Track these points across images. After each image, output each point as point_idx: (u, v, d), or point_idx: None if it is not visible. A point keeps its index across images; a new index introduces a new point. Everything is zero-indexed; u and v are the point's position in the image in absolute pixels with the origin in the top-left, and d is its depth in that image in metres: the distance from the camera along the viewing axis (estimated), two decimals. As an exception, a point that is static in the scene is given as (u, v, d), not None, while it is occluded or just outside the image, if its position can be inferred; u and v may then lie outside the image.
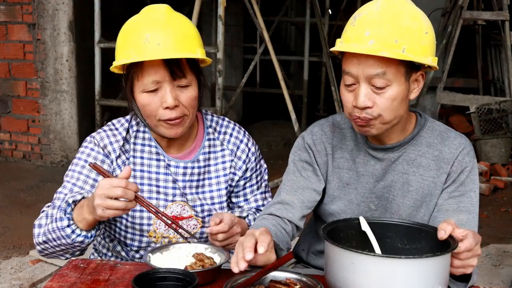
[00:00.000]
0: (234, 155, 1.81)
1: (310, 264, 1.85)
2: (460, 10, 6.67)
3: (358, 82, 1.51)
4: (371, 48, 1.45)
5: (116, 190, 1.44)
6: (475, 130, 6.33)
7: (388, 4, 1.51)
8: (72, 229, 1.55)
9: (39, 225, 1.63)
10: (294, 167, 1.73)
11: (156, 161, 1.75)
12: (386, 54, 1.44)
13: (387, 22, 1.47)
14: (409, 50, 1.46)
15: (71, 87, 5.79)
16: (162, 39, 1.58)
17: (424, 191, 1.63)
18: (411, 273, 1.22)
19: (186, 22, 1.68)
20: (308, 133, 1.75)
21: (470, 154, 1.64)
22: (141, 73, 1.61)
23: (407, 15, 1.49)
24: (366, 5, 1.57)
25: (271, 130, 7.74)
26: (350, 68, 1.51)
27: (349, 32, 1.53)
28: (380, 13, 1.49)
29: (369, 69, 1.48)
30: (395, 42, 1.46)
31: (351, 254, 1.24)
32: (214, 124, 1.83)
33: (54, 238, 1.58)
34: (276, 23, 8.13)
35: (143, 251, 1.77)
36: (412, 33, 1.48)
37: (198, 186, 1.77)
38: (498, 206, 5.06)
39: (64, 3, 5.62)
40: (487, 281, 3.41)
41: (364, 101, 1.50)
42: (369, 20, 1.49)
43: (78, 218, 1.55)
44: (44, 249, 1.65)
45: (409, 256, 1.23)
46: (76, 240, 1.56)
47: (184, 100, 1.63)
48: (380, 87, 1.49)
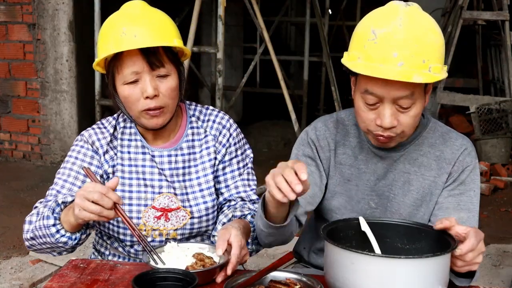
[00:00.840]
0: (216, 139, 1.83)
1: (311, 263, 1.85)
2: (460, 10, 6.67)
3: (381, 101, 1.48)
4: (402, 71, 1.40)
5: (94, 193, 1.46)
6: (475, 130, 6.33)
7: (410, 18, 1.44)
8: (57, 228, 1.60)
9: (29, 222, 1.68)
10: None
11: (142, 155, 1.79)
12: (420, 79, 1.40)
13: (415, 41, 1.41)
14: (434, 68, 1.44)
15: (71, 87, 5.79)
16: (139, 30, 1.63)
17: (424, 190, 1.64)
18: (411, 273, 1.23)
19: (162, 15, 1.72)
20: (311, 129, 1.74)
21: (472, 155, 1.65)
22: (120, 66, 1.65)
23: (430, 29, 1.45)
24: (383, 16, 1.48)
25: (271, 130, 7.74)
26: (375, 89, 1.46)
27: (371, 50, 1.44)
28: (405, 30, 1.42)
29: (397, 91, 1.44)
30: (422, 62, 1.42)
31: (351, 254, 1.24)
32: (197, 113, 1.86)
33: (40, 235, 1.63)
34: (276, 23, 8.13)
35: (136, 245, 1.79)
36: (435, 49, 1.45)
37: (185, 173, 1.79)
38: (498, 206, 5.06)
39: (64, 3, 5.62)
40: (487, 281, 3.41)
41: (391, 122, 1.48)
42: (395, 39, 1.41)
43: (64, 219, 1.60)
44: (32, 245, 1.70)
45: (409, 256, 1.24)
46: (60, 240, 1.61)
47: (163, 90, 1.67)
48: (406, 107, 1.47)
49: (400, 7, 1.46)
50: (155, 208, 1.76)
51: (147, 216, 1.76)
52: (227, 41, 5.92)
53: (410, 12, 1.45)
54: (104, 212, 1.48)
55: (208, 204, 1.80)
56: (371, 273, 1.23)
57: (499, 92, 7.74)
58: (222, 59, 4.68)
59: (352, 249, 1.25)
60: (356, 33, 1.52)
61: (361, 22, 1.53)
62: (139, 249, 1.79)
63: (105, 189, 1.48)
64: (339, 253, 1.27)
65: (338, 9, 10.11)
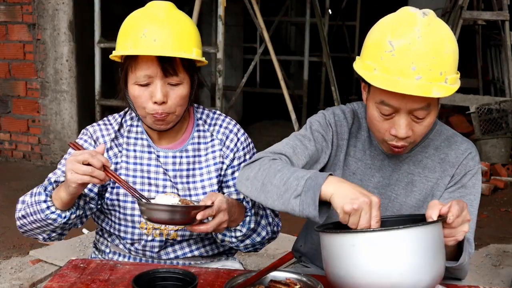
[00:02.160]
0: (223, 144, 1.83)
1: (309, 258, 1.85)
2: (460, 10, 6.67)
3: (397, 112, 1.47)
4: (420, 85, 1.39)
5: (84, 154, 1.50)
6: (475, 130, 6.33)
7: (428, 29, 1.41)
8: (47, 205, 1.61)
9: (22, 201, 1.70)
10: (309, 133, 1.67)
11: (147, 154, 1.79)
12: (438, 93, 1.40)
13: (433, 53, 1.40)
14: (450, 80, 1.43)
15: (71, 87, 5.79)
16: (159, 35, 1.61)
17: (427, 191, 1.65)
18: (412, 242, 1.24)
19: (186, 20, 1.70)
20: (330, 113, 1.71)
21: (475, 160, 1.66)
22: (135, 66, 1.65)
23: (447, 40, 1.43)
24: (400, 25, 1.44)
25: (271, 130, 7.74)
26: (391, 101, 1.45)
27: (388, 62, 1.42)
28: (423, 42, 1.39)
29: (414, 103, 1.44)
30: (440, 74, 1.41)
31: (351, 235, 1.25)
32: (204, 116, 1.86)
33: (31, 212, 1.64)
34: (276, 23, 8.13)
35: (137, 244, 1.79)
36: (452, 59, 1.44)
37: (189, 175, 1.79)
38: (498, 206, 5.06)
39: (64, 3, 5.62)
40: (487, 281, 3.40)
41: (407, 132, 1.49)
42: (414, 52, 1.39)
43: (55, 196, 1.61)
44: (22, 224, 1.70)
45: (407, 226, 1.24)
46: (50, 216, 1.61)
47: (173, 97, 1.67)
48: (422, 118, 1.48)
49: (418, 16, 1.43)
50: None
51: None
52: (227, 41, 5.92)
53: (428, 22, 1.42)
54: (95, 172, 1.50)
55: None
56: (373, 251, 1.23)
57: (499, 92, 7.75)
58: (222, 59, 4.68)
59: (350, 230, 1.25)
60: (371, 41, 1.48)
61: (375, 29, 1.49)
62: (139, 247, 1.80)
63: (93, 152, 1.52)
64: (337, 239, 1.27)
65: (338, 9, 10.11)
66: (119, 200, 1.77)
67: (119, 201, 1.77)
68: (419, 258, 1.24)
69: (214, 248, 1.87)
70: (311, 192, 1.36)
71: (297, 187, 1.39)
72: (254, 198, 1.50)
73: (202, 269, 1.60)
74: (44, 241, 1.75)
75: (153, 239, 1.78)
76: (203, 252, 1.85)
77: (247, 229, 1.71)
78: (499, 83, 7.77)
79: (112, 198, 1.78)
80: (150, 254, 1.80)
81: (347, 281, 1.27)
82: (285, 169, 1.47)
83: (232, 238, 1.71)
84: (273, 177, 1.46)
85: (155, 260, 1.81)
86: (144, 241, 1.78)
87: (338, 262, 1.28)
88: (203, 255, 1.85)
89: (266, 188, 1.46)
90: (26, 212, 1.65)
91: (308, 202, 1.36)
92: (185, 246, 1.82)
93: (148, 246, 1.79)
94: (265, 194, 1.46)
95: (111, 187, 1.78)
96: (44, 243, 3.83)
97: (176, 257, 1.81)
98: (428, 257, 1.26)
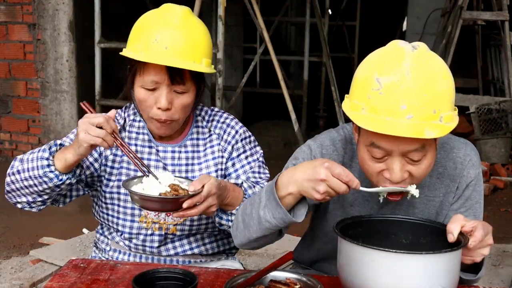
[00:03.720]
0: (221, 138, 1.84)
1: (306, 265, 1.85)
2: (460, 10, 6.66)
3: (389, 155, 1.37)
4: (412, 125, 1.28)
5: (99, 118, 1.58)
6: (475, 130, 6.33)
7: (418, 64, 1.31)
8: (49, 162, 1.63)
9: (20, 159, 1.71)
10: None
11: (148, 148, 1.82)
12: (432, 134, 1.29)
13: (424, 90, 1.29)
14: (446, 118, 1.32)
15: (71, 87, 5.79)
16: (171, 43, 1.62)
17: (430, 211, 1.60)
18: (431, 267, 1.24)
19: (199, 28, 1.70)
20: (317, 146, 1.61)
21: (476, 165, 1.60)
22: (143, 70, 1.66)
23: (440, 75, 1.33)
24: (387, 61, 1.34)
25: (271, 130, 7.74)
26: (382, 143, 1.35)
27: (376, 101, 1.31)
28: (414, 79, 1.29)
29: (407, 145, 1.34)
30: (433, 112, 1.30)
31: (371, 251, 1.25)
32: (203, 113, 1.88)
33: (29, 168, 1.65)
34: (276, 23, 8.12)
35: (135, 239, 1.80)
36: (446, 96, 1.33)
37: (188, 170, 1.81)
38: (498, 206, 5.06)
39: (64, 3, 5.62)
40: (487, 281, 3.41)
41: (402, 176, 1.38)
42: (403, 90, 1.29)
43: (59, 156, 1.64)
44: (12, 181, 1.70)
45: (429, 252, 1.25)
46: (48, 174, 1.62)
47: (177, 104, 1.68)
48: (416, 160, 1.37)
49: (406, 51, 1.33)
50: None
51: None
52: (227, 41, 5.92)
53: (418, 56, 1.32)
54: (107, 136, 1.57)
55: None
56: (393, 270, 1.24)
57: (499, 92, 7.74)
58: (222, 59, 4.68)
59: (373, 246, 1.26)
60: (358, 79, 1.39)
61: (362, 66, 1.40)
62: (139, 243, 1.81)
63: (107, 116, 1.60)
64: (358, 250, 1.28)
65: (338, 9, 10.11)
66: (119, 193, 1.79)
67: (120, 194, 1.79)
68: (436, 280, 1.25)
69: (215, 247, 1.88)
70: (271, 196, 1.41)
71: (261, 200, 1.46)
72: (246, 241, 1.54)
73: (202, 269, 1.60)
74: (22, 208, 1.75)
75: (152, 233, 1.79)
76: (203, 251, 1.85)
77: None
78: (499, 83, 7.76)
79: (112, 191, 1.79)
80: (150, 250, 1.81)
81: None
82: (253, 197, 1.54)
83: (229, 222, 1.72)
84: (246, 210, 1.52)
85: (155, 257, 1.82)
86: (143, 235, 1.79)
87: (355, 271, 1.29)
88: (203, 253, 1.86)
89: (246, 223, 1.51)
90: (23, 167, 1.66)
91: (273, 206, 1.41)
92: (185, 243, 1.83)
93: (147, 240, 1.80)
94: (248, 228, 1.51)
95: (107, 179, 1.79)
96: (45, 243, 3.83)
97: (176, 253, 1.82)
98: (445, 279, 1.26)
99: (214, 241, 1.88)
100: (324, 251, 1.73)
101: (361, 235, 1.43)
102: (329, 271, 1.73)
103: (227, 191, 1.66)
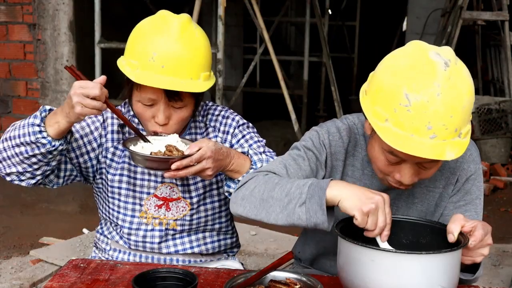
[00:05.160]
0: (218, 130, 1.85)
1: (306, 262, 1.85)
2: (459, 10, 6.66)
3: (404, 161, 1.41)
4: (434, 145, 1.31)
5: (94, 90, 1.53)
6: (475, 130, 6.33)
7: (449, 85, 1.31)
8: (40, 128, 1.60)
9: (12, 125, 1.67)
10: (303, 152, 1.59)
11: None
12: (451, 155, 1.33)
13: (451, 112, 1.31)
14: (464, 134, 1.38)
15: (71, 87, 5.79)
16: (168, 60, 1.60)
17: (429, 202, 1.62)
18: (432, 267, 1.25)
19: (197, 41, 1.67)
20: (325, 132, 1.62)
21: (476, 160, 1.62)
22: (140, 87, 1.66)
23: (465, 93, 1.34)
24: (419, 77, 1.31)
25: (271, 130, 7.74)
26: (400, 154, 1.38)
27: (403, 117, 1.32)
28: (443, 101, 1.30)
29: (420, 158, 1.36)
30: (454, 131, 1.34)
31: (372, 251, 1.26)
32: (199, 108, 1.87)
33: (20, 134, 1.61)
34: (276, 23, 8.13)
35: (134, 236, 1.81)
36: (468, 113, 1.37)
37: None
38: (498, 206, 5.06)
39: (64, 3, 5.62)
40: (487, 281, 3.41)
41: (412, 180, 1.44)
42: (432, 111, 1.30)
43: (50, 122, 1.60)
44: (4, 148, 1.64)
45: (429, 252, 1.25)
46: (40, 140, 1.59)
47: (175, 119, 1.69)
48: (429, 168, 1.43)
49: (439, 68, 1.31)
50: (156, 196, 1.79)
51: (149, 204, 1.79)
52: (227, 41, 5.92)
53: (449, 76, 1.31)
54: (103, 106, 1.55)
55: (207, 194, 1.83)
56: (392, 269, 1.24)
57: (498, 92, 7.74)
58: (222, 59, 4.68)
59: (373, 246, 1.26)
60: (384, 88, 1.36)
61: (389, 73, 1.37)
62: (139, 239, 1.81)
63: (99, 85, 1.55)
64: (358, 250, 1.28)
65: (338, 9, 10.12)
66: (120, 188, 1.79)
67: (120, 188, 1.79)
68: (436, 280, 1.25)
69: (215, 247, 1.88)
70: (316, 198, 1.34)
71: (301, 195, 1.36)
72: (254, 217, 1.44)
73: (202, 269, 1.60)
74: (11, 181, 1.69)
75: (152, 228, 1.80)
76: (203, 250, 1.86)
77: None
78: (499, 83, 7.77)
79: (113, 185, 1.79)
80: (151, 246, 1.81)
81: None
82: (283, 181, 1.44)
83: None
84: (272, 191, 1.42)
85: (155, 255, 1.82)
86: (143, 231, 1.80)
87: (355, 271, 1.29)
88: (203, 253, 1.86)
89: (267, 203, 1.41)
90: (15, 134, 1.62)
91: (314, 209, 1.34)
92: (186, 241, 1.83)
93: (148, 236, 1.80)
94: (267, 209, 1.41)
95: (112, 174, 1.79)
96: (45, 243, 3.83)
97: (176, 251, 1.82)
98: (445, 279, 1.27)
99: (216, 240, 1.88)
100: (324, 244, 1.73)
101: (361, 235, 1.44)
102: (328, 267, 1.73)
103: (229, 157, 1.66)
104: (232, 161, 1.66)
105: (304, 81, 7.82)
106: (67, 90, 5.79)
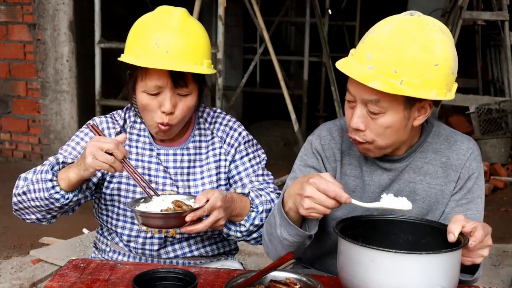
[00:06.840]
0: (223, 141, 1.84)
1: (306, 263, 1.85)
2: (460, 10, 6.67)
3: (355, 101, 1.48)
4: (366, 73, 1.40)
5: (109, 144, 1.52)
6: (475, 130, 6.34)
7: (401, 27, 1.41)
8: (53, 184, 1.60)
9: (24, 178, 1.69)
10: (300, 174, 1.67)
11: (149, 151, 1.81)
12: (376, 85, 1.38)
13: (392, 49, 1.38)
14: (408, 83, 1.38)
15: (71, 87, 5.80)
16: (172, 46, 1.61)
17: (431, 199, 1.62)
18: (432, 267, 1.25)
19: (199, 30, 1.70)
20: (316, 138, 1.69)
21: (477, 159, 1.63)
22: (145, 75, 1.65)
23: (418, 44, 1.39)
24: (384, 21, 1.47)
25: (271, 130, 7.74)
26: (349, 87, 1.48)
27: (358, 48, 1.47)
28: (388, 37, 1.40)
29: (364, 93, 1.43)
30: (394, 72, 1.38)
31: (371, 251, 1.26)
32: (205, 115, 1.88)
33: (34, 189, 1.62)
34: (276, 23, 8.13)
35: (133, 243, 1.80)
36: (416, 64, 1.38)
37: (189, 173, 1.81)
38: (498, 206, 5.07)
39: (64, 3, 5.62)
40: (487, 281, 3.41)
41: (357, 123, 1.48)
42: (375, 42, 1.41)
43: (62, 176, 1.61)
44: (20, 201, 1.68)
45: (429, 252, 1.25)
46: (53, 196, 1.60)
47: (181, 107, 1.68)
48: (373, 112, 1.45)
49: (402, 15, 1.44)
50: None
51: None
52: (227, 41, 5.92)
53: (406, 21, 1.42)
54: (116, 163, 1.53)
55: None
56: (392, 269, 1.24)
57: (498, 92, 7.75)
58: (222, 59, 4.68)
59: (372, 246, 1.26)
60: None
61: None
62: (139, 246, 1.80)
63: (117, 141, 1.54)
64: (357, 250, 1.28)
65: (338, 9, 10.11)
66: (119, 196, 1.78)
67: (120, 196, 1.78)
68: (436, 280, 1.26)
69: (215, 249, 1.88)
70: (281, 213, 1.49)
71: (275, 219, 1.54)
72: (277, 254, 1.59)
73: (202, 269, 1.60)
74: (31, 222, 1.74)
75: (152, 236, 1.79)
76: (203, 253, 1.85)
77: (250, 224, 1.71)
78: (499, 83, 7.77)
79: (112, 193, 1.79)
80: (150, 253, 1.81)
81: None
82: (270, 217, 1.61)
83: (237, 233, 1.72)
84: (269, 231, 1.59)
85: (154, 259, 1.82)
86: (143, 238, 1.79)
87: (355, 271, 1.29)
88: (203, 255, 1.86)
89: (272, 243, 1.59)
90: (29, 188, 1.64)
91: (285, 224, 1.48)
92: (185, 246, 1.82)
93: (147, 243, 1.79)
94: (274, 247, 1.59)
95: (108, 181, 1.79)
96: (45, 243, 3.84)
97: (175, 256, 1.82)
98: (445, 279, 1.27)
99: (214, 243, 1.88)
100: (325, 244, 1.73)
101: (361, 235, 1.44)
102: (329, 267, 1.73)
103: (234, 203, 1.66)
104: (236, 205, 1.67)
105: (304, 81, 7.83)
106: (67, 90, 5.80)
